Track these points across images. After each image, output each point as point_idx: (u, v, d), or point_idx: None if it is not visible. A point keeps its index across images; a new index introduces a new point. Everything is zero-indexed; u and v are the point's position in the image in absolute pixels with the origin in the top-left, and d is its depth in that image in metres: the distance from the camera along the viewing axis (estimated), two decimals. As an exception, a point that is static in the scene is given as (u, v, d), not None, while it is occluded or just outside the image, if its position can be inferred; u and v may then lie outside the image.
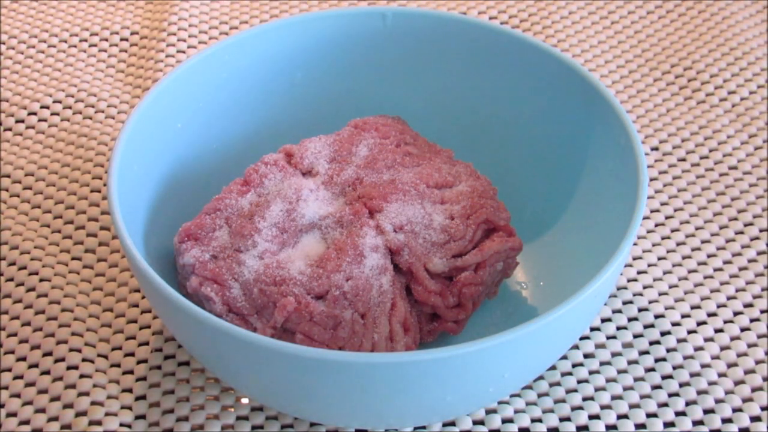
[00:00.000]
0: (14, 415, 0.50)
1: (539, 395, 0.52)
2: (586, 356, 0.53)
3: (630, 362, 0.53)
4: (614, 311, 0.56)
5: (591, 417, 0.51)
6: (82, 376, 0.51)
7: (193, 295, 0.48)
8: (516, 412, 0.51)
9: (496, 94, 0.59)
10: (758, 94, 0.70)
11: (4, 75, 0.71)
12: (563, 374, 0.52)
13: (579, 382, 0.52)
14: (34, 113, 0.68)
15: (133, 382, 0.52)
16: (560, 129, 0.56)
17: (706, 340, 0.54)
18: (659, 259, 0.59)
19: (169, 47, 0.72)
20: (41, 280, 0.56)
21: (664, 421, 0.51)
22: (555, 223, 0.56)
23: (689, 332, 0.55)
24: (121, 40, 0.74)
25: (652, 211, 0.61)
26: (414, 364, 0.42)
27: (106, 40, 0.74)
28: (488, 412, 0.51)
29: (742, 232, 0.60)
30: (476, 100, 0.59)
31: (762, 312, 0.56)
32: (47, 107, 0.68)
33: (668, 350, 0.54)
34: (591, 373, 0.53)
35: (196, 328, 0.44)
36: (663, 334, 0.54)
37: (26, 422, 0.50)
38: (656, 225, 0.61)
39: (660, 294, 0.57)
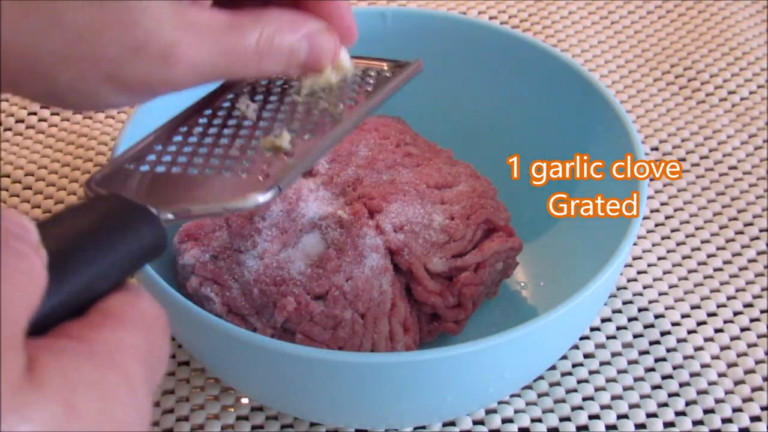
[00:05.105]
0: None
1: (539, 395, 0.52)
2: (586, 356, 0.53)
3: (630, 362, 0.53)
4: (614, 311, 0.56)
5: (591, 417, 0.51)
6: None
7: (193, 295, 0.48)
8: (516, 412, 0.51)
9: (496, 93, 0.59)
10: (758, 94, 0.70)
11: (4, 75, 0.71)
12: (563, 374, 0.52)
13: (579, 382, 0.52)
14: (34, 113, 0.68)
15: (133, 382, 0.52)
16: (560, 129, 0.56)
17: (706, 340, 0.54)
18: (659, 259, 0.59)
19: (169, 47, 0.72)
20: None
21: (664, 421, 0.50)
22: (555, 223, 0.56)
23: (689, 332, 0.55)
24: (121, 40, 0.74)
25: (652, 211, 0.61)
26: (414, 364, 0.42)
27: (106, 40, 0.74)
28: (488, 412, 0.51)
29: (742, 232, 0.60)
30: (476, 100, 0.59)
31: (762, 312, 0.56)
32: (47, 107, 0.68)
33: (668, 350, 0.54)
34: (591, 373, 0.53)
35: (196, 328, 0.44)
36: (663, 334, 0.54)
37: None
38: (656, 225, 0.61)
39: (660, 294, 0.57)
